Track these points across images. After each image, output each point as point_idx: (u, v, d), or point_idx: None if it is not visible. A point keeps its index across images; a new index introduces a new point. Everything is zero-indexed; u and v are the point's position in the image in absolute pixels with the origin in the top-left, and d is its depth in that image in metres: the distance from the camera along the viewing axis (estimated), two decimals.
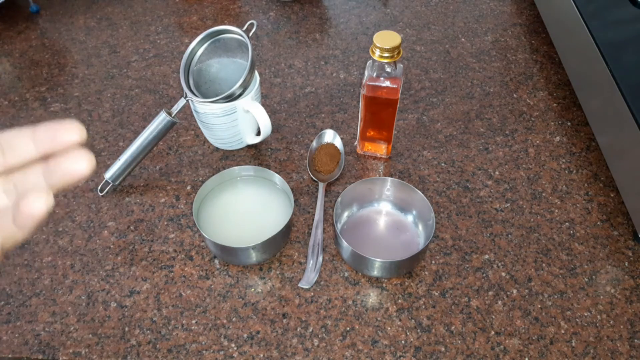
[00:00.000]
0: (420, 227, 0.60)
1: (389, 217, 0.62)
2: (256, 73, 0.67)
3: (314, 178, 0.66)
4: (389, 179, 0.60)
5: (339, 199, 0.58)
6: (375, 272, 0.55)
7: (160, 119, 0.62)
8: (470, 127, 0.74)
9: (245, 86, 0.62)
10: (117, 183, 0.64)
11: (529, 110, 0.76)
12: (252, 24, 0.63)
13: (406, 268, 0.56)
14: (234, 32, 0.64)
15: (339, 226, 0.59)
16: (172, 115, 0.62)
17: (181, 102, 0.63)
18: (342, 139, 0.70)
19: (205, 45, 0.65)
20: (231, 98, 0.62)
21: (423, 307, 0.55)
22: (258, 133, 0.68)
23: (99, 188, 0.65)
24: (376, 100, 0.62)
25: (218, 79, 0.67)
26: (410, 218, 0.61)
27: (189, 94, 0.62)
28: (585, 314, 0.54)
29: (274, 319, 0.54)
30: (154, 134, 0.62)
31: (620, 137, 0.60)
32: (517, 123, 0.74)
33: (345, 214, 0.61)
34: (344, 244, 0.54)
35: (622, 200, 0.64)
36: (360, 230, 0.60)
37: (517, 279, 0.57)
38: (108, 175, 0.64)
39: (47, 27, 0.93)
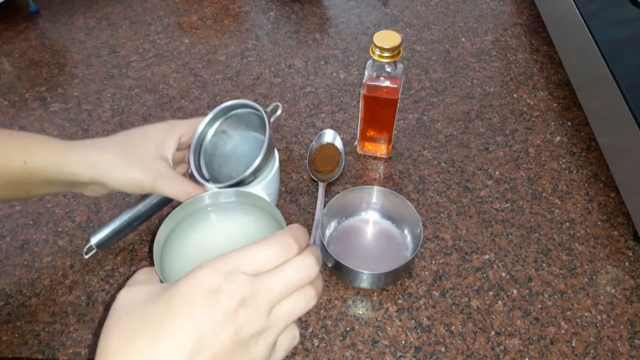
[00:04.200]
0: (408, 237, 0.59)
1: (376, 226, 0.62)
2: (276, 156, 0.57)
3: (314, 178, 0.66)
4: (376, 187, 0.60)
5: (324, 209, 0.57)
6: (364, 285, 0.55)
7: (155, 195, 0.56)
8: (471, 127, 0.74)
9: (255, 174, 0.52)
10: (104, 249, 0.59)
11: (529, 110, 0.76)
12: (277, 106, 0.56)
13: (394, 279, 0.56)
14: (253, 107, 0.54)
15: (326, 237, 0.59)
16: None
17: None
18: (342, 139, 0.70)
19: (220, 120, 0.56)
20: (241, 184, 0.52)
21: (423, 307, 0.55)
22: None
23: (84, 251, 0.59)
24: (376, 100, 0.62)
25: (234, 155, 0.57)
26: (398, 227, 0.61)
27: (197, 176, 0.53)
28: (586, 314, 0.54)
29: None
30: (147, 208, 0.58)
31: (620, 137, 0.60)
32: (517, 123, 0.74)
33: (332, 224, 0.61)
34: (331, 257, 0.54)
35: (622, 200, 0.64)
36: (347, 241, 0.60)
37: (518, 279, 0.57)
38: (94, 240, 0.58)
39: (47, 27, 0.93)
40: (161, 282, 0.35)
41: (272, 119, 0.55)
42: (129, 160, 0.49)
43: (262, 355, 0.31)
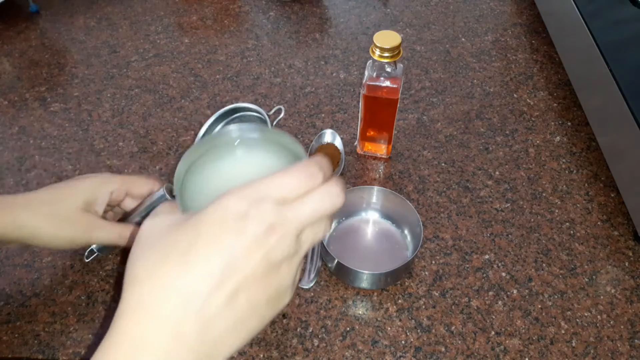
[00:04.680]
0: (408, 237, 0.59)
1: (376, 226, 0.62)
2: None
3: None
4: (376, 187, 0.60)
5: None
6: (364, 285, 0.55)
7: (158, 197, 0.54)
8: (471, 127, 0.74)
9: None
10: (105, 252, 0.59)
11: (529, 110, 0.76)
12: (280, 110, 0.55)
13: (394, 279, 0.56)
14: (256, 110, 0.54)
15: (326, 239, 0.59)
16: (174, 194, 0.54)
17: None
18: (342, 139, 0.70)
19: (223, 123, 0.56)
20: None
21: (423, 307, 0.55)
22: None
23: (85, 254, 0.58)
24: (376, 100, 0.62)
25: None
26: (398, 227, 0.61)
27: None
28: (586, 314, 0.54)
29: (273, 319, 0.54)
30: (149, 211, 0.54)
31: (620, 137, 0.60)
32: (517, 123, 0.74)
33: (332, 224, 0.61)
34: (333, 258, 0.54)
35: (622, 200, 0.64)
36: (347, 241, 0.60)
37: (518, 279, 0.57)
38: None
39: (47, 27, 0.93)
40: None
41: (274, 122, 0.54)
42: (57, 219, 0.49)
43: (290, 279, 0.31)
